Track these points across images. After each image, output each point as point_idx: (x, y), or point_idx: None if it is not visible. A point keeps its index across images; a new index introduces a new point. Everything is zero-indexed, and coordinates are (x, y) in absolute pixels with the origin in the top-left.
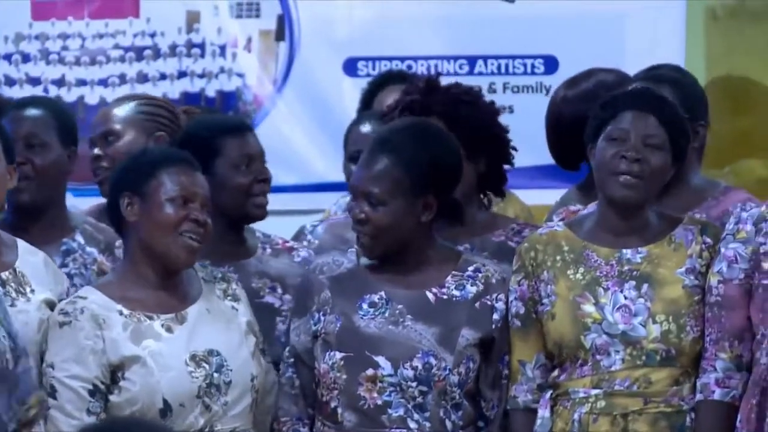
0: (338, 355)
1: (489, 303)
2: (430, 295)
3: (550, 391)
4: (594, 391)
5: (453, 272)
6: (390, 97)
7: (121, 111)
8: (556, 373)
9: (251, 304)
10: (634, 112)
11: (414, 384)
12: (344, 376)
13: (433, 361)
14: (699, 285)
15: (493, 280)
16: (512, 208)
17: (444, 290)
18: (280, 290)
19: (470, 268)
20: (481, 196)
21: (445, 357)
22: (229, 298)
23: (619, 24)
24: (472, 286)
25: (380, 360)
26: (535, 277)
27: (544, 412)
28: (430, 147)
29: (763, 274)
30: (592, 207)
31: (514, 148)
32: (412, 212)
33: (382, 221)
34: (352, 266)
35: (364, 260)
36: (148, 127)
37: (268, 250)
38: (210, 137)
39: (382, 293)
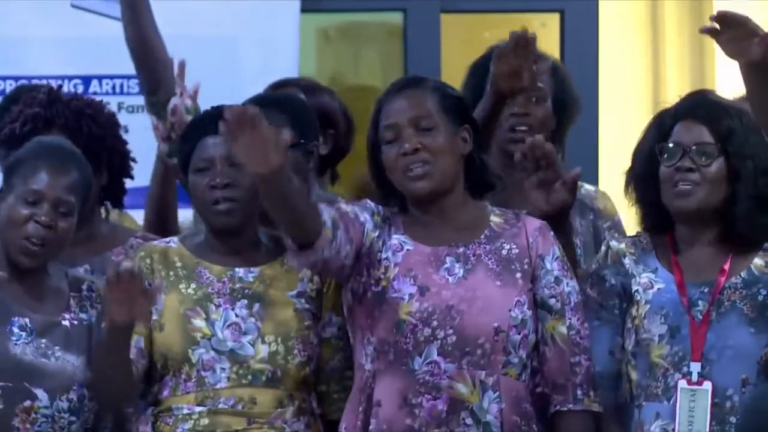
0: None
1: None
2: (66, 323)
3: (152, 407)
4: (198, 409)
5: (71, 294)
6: None
7: None
8: (156, 388)
9: None
10: (211, 138)
11: (66, 415)
12: (1, 406)
13: (86, 392)
14: (309, 309)
15: None
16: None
17: (73, 314)
18: None
19: (84, 287)
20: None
21: None
22: None
23: (234, 45)
24: (92, 308)
25: (39, 392)
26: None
27: (146, 428)
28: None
29: (374, 281)
30: None
31: (134, 160)
32: None
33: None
34: None
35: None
36: None
37: None
38: None
39: (27, 320)
